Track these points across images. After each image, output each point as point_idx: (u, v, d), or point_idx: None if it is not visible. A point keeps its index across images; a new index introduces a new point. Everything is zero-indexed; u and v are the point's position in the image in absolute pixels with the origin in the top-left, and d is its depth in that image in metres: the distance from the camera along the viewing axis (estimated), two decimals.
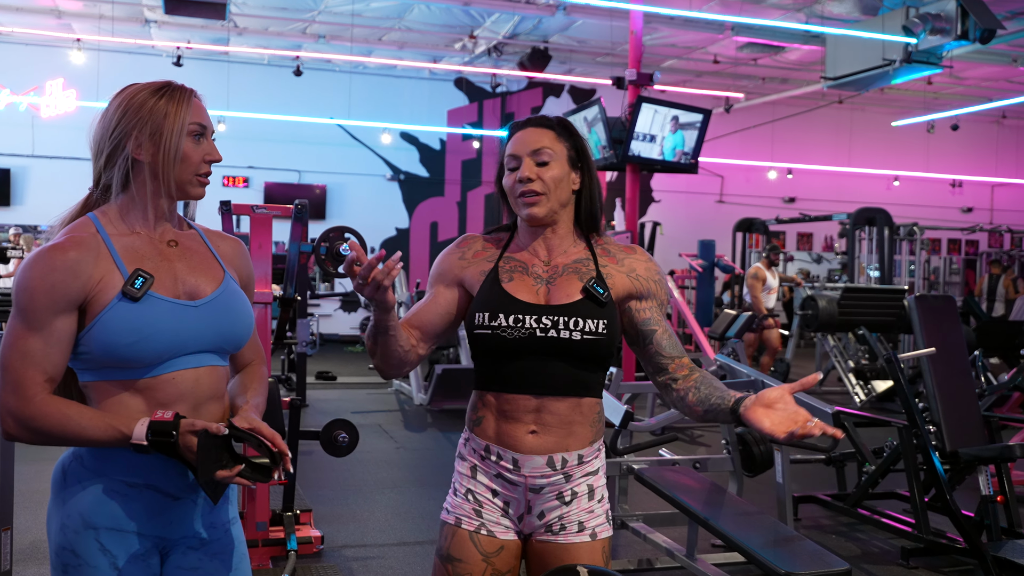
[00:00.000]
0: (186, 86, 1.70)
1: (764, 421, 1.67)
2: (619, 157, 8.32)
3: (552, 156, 1.89)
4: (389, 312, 1.75)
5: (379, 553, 4.35)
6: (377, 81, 15.15)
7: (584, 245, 1.95)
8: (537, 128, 1.92)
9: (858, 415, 5.01)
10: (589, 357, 1.85)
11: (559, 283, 1.88)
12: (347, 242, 1.69)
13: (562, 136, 1.92)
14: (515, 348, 1.83)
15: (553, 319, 1.83)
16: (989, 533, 4.18)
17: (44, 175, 13.55)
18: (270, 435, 1.59)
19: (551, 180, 1.88)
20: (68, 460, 1.66)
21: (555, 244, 1.93)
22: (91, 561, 1.60)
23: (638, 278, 1.93)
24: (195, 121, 1.66)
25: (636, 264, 1.94)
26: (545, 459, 1.85)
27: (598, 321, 1.84)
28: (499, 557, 1.88)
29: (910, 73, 9.77)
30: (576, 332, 1.83)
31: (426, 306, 1.94)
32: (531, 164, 1.88)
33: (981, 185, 18.93)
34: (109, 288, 1.58)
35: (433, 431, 7.54)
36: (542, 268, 1.91)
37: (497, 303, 1.85)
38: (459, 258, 1.96)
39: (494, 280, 1.89)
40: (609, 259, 1.94)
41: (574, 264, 1.91)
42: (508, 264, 1.92)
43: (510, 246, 1.96)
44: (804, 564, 2.95)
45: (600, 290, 1.86)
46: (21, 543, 4.14)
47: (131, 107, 1.64)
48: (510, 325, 1.83)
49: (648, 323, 1.92)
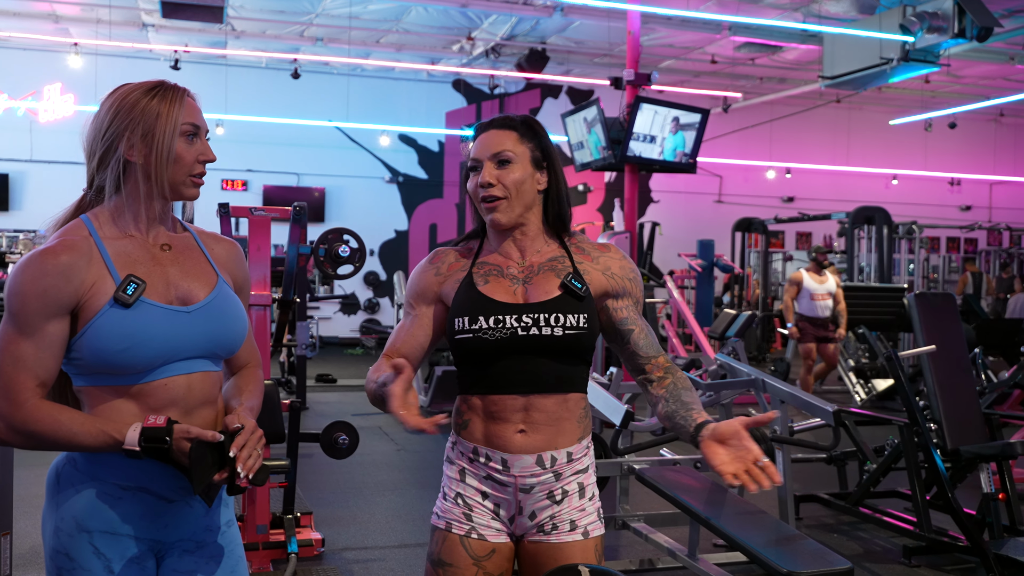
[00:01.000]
0: (179, 85, 1.67)
1: (714, 458, 1.68)
2: (617, 157, 8.32)
3: (514, 158, 1.87)
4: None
5: (380, 555, 4.34)
6: (375, 83, 15.15)
7: (557, 244, 1.94)
8: (499, 130, 1.90)
9: (859, 414, 5.00)
10: (572, 352, 1.84)
11: (536, 281, 1.87)
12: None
13: (525, 137, 1.89)
14: (498, 349, 1.82)
15: (533, 316, 1.82)
16: (991, 531, 4.17)
17: (42, 180, 13.55)
18: (236, 431, 1.59)
19: (512, 184, 1.86)
20: (62, 463, 1.64)
21: (526, 245, 1.92)
22: (85, 564, 1.59)
23: (613, 276, 1.92)
24: (188, 121, 1.64)
25: (611, 262, 1.93)
26: (534, 458, 1.84)
27: (578, 315, 1.84)
28: (490, 560, 1.87)
29: (907, 72, 9.79)
30: (558, 328, 1.82)
31: (410, 332, 1.93)
32: (491, 168, 1.87)
33: (979, 183, 18.94)
34: (101, 294, 1.57)
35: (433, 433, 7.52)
36: (517, 268, 1.90)
37: (475, 306, 1.84)
38: (435, 274, 1.94)
39: (469, 285, 1.88)
40: (584, 256, 1.93)
41: (549, 262, 1.90)
42: (482, 269, 1.90)
43: (482, 251, 1.94)
44: (806, 563, 2.95)
45: (578, 284, 1.86)
46: (20, 548, 4.13)
47: (123, 108, 1.62)
48: (491, 327, 1.82)
49: (625, 322, 1.92)
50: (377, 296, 15.48)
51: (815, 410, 4.19)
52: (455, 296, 1.88)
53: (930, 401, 4.68)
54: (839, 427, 4.22)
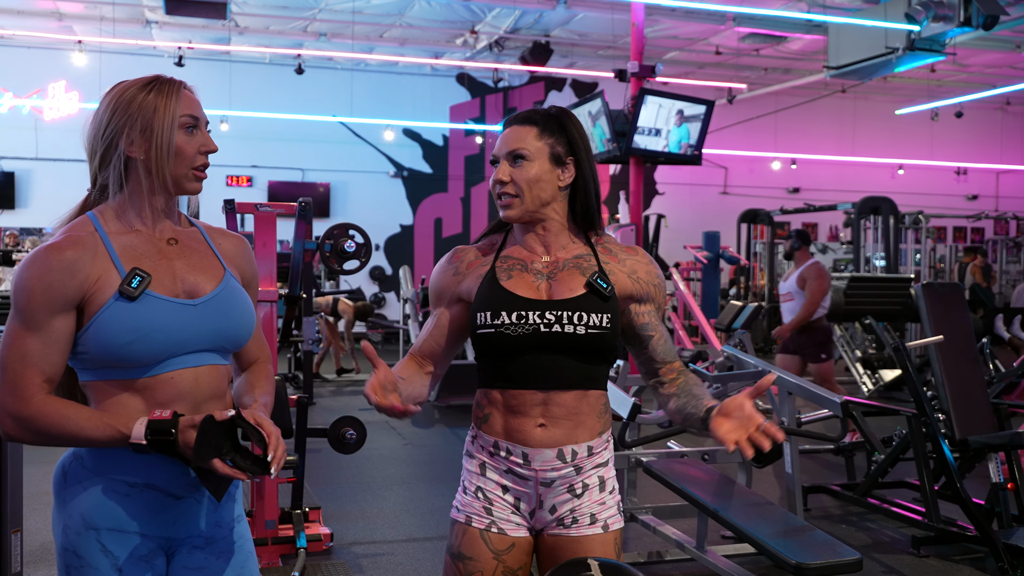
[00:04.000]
0: (175, 79, 1.67)
1: (718, 430, 1.68)
2: (622, 150, 8.31)
3: (529, 155, 1.85)
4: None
5: (388, 549, 4.35)
6: (379, 78, 15.14)
7: (583, 241, 1.93)
8: (520, 126, 1.88)
9: (866, 404, 4.99)
10: (594, 351, 1.84)
11: (560, 278, 1.86)
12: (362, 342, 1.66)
13: (547, 132, 1.87)
14: (519, 345, 1.82)
15: (557, 314, 1.82)
16: (1000, 520, 4.17)
17: (48, 178, 13.57)
18: (269, 431, 1.58)
19: (524, 181, 1.85)
20: (68, 460, 1.65)
21: (551, 240, 1.90)
22: (93, 562, 1.59)
23: (639, 280, 1.91)
24: (186, 113, 1.64)
25: (638, 266, 1.93)
26: (555, 452, 1.84)
27: (602, 315, 1.83)
28: (510, 554, 1.87)
29: (913, 61, 9.74)
30: (581, 326, 1.81)
31: (432, 334, 1.95)
32: (506, 166, 1.87)
33: (986, 172, 18.87)
34: (106, 287, 1.57)
35: (441, 427, 7.54)
36: (541, 264, 1.89)
37: (498, 301, 1.84)
38: (453, 274, 1.94)
39: (492, 280, 1.87)
40: (611, 257, 1.92)
41: (575, 259, 1.89)
42: (505, 263, 1.90)
43: (505, 245, 1.94)
44: (815, 554, 2.95)
45: (603, 284, 1.85)
46: (31, 545, 4.15)
47: (120, 104, 1.62)
48: (513, 322, 1.81)
49: (646, 328, 1.93)
50: (383, 291, 15.49)
51: (823, 401, 4.18)
52: (478, 290, 1.88)
53: (938, 391, 4.67)
54: (847, 418, 4.21)
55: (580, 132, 1.90)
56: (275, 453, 1.55)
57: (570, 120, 1.90)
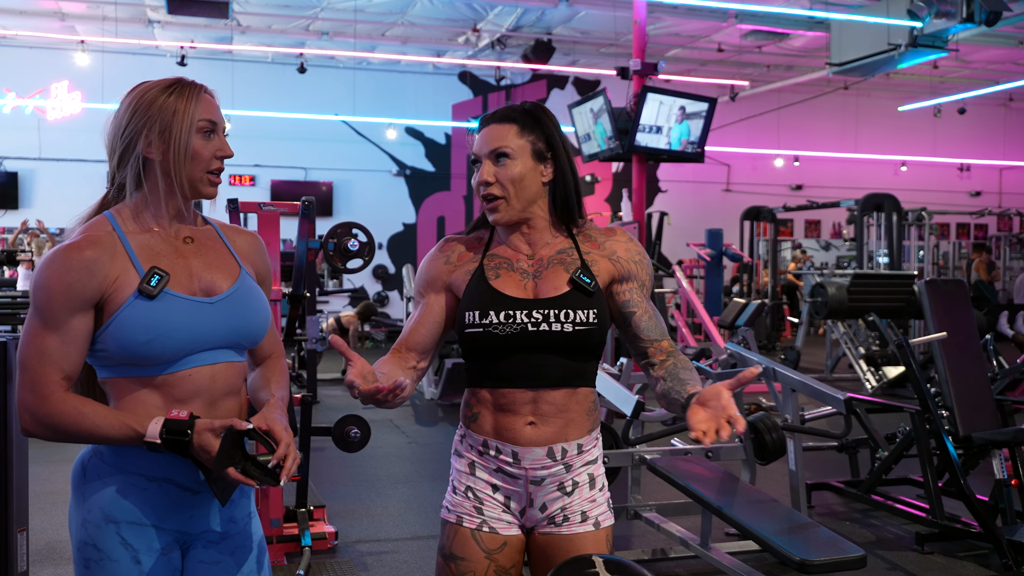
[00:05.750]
0: (197, 82, 1.69)
1: (692, 418, 1.64)
2: (625, 148, 8.31)
3: (512, 153, 1.84)
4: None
5: (393, 547, 4.36)
6: (381, 77, 15.15)
7: (565, 234, 1.92)
8: (499, 124, 1.86)
9: (870, 401, 4.99)
10: (582, 347, 1.84)
11: (546, 276, 1.86)
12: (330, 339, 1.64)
13: (527, 128, 1.86)
14: (507, 344, 1.82)
15: (544, 312, 1.81)
16: (1004, 517, 4.17)
17: (51, 178, 13.59)
18: (279, 437, 1.59)
19: (509, 180, 1.83)
20: (88, 456, 1.67)
21: (535, 238, 1.90)
22: (113, 555, 1.61)
23: (618, 260, 1.90)
24: (205, 117, 1.66)
25: (616, 246, 1.92)
26: (545, 450, 1.84)
27: (588, 311, 1.83)
28: (502, 553, 1.87)
29: (916, 57, 9.73)
30: (568, 324, 1.81)
31: (420, 322, 1.91)
32: (490, 166, 1.85)
33: (989, 168, 18.84)
34: (125, 286, 1.59)
35: (444, 425, 7.55)
36: (527, 262, 1.89)
37: (486, 301, 1.83)
38: (444, 263, 1.93)
39: (480, 278, 1.87)
40: (591, 244, 1.91)
41: (558, 255, 1.89)
42: (493, 262, 1.89)
43: (492, 244, 1.93)
44: (819, 551, 2.95)
45: (587, 280, 1.85)
46: (37, 544, 4.16)
47: (141, 105, 1.64)
48: (501, 321, 1.81)
49: (628, 304, 1.91)
50: (386, 289, 15.50)
51: (826, 398, 4.18)
52: (466, 288, 1.88)
53: (941, 388, 4.67)
54: (850, 415, 4.22)
55: (556, 126, 1.89)
56: (286, 463, 1.57)
57: (545, 114, 1.89)
